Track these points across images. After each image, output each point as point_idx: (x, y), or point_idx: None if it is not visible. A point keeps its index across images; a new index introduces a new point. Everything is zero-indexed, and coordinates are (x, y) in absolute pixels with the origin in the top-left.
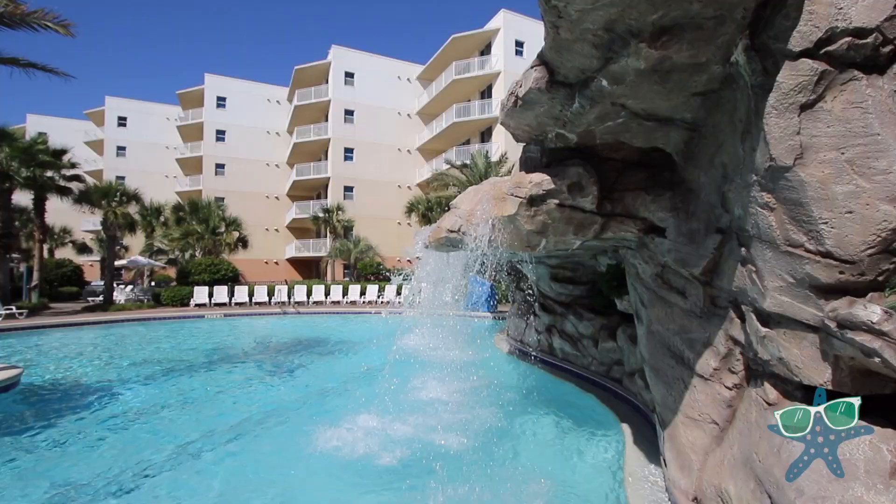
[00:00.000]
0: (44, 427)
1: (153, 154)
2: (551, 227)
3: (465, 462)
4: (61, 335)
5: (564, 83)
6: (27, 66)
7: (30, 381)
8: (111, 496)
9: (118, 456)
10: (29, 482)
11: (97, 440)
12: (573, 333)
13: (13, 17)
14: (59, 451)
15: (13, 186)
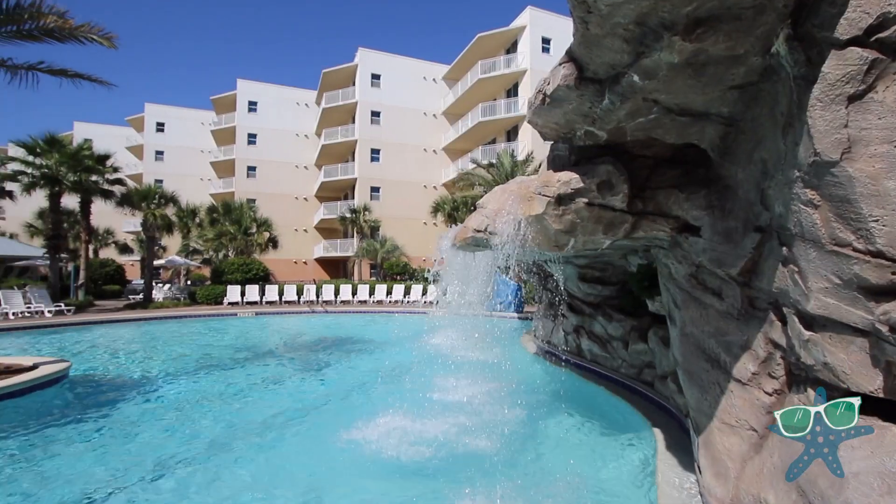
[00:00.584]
0: (89, 417)
1: (189, 158)
2: (580, 226)
3: (491, 463)
4: (105, 331)
5: (594, 79)
6: (74, 77)
7: (77, 373)
8: (150, 483)
9: (158, 445)
10: (75, 468)
11: (138, 430)
12: (602, 335)
13: (62, 31)
14: (103, 440)
15: (62, 190)
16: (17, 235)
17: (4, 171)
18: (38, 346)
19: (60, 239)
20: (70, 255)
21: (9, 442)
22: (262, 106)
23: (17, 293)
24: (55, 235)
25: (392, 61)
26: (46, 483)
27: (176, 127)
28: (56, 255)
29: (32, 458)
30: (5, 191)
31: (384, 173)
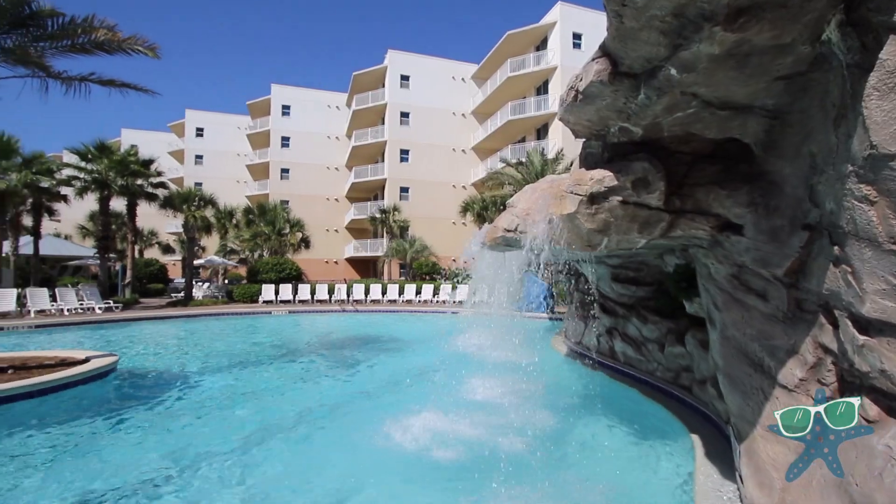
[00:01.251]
0: (136, 408)
1: (226, 161)
2: (614, 225)
3: (521, 465)
4: (149, 327)
5: (629, 74)
6: (122, 86)
7: (124, 367)
8: (193, 470)
9: (197, 437)
10: (124, 455)
11: (180, 422)
12: (636, 337)
13: (111, 44)
14: (149, 430)
15: (111, 194)
16: (71, 236)
17: (60, 177)
18: (89, 341)
19: (109, 240)
20: (118, 254)
21: (66, 429)
22: (294, 110)
23: (71, 290)
24: (105, 236)
25: (421, 62)
26: (99, 468)
27: (214, 132)
28: (105, 255)
29: (86, 444)
30: (60, 195)
31: (413, 174)
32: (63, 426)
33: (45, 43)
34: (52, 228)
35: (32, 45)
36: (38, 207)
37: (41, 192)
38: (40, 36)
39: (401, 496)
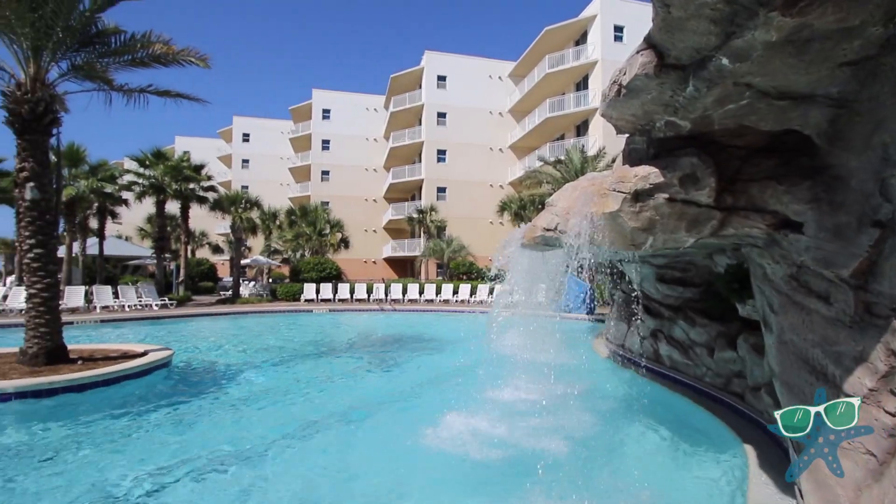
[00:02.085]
0: (189, 399)
1: (270, 164)
2: (659, 223)
3: (561, 469)
4: (201, 323)
5: (676, 66)
6: (176, 96)
7: (178, 360)
8: (243, 460)
9: (245, 428)
10: (180, 442)
11: (229, 414)
12: (683, 340)
13: (167, 57)
14: (201, 420)
15: (166, 197)
16: (131, 238)
17: (122, 182)
18: (146, 335)
19: (165, 240)
20: (172, 254)
21: (128, 416)
22: (334, 113)
23: (131, 288)
24: (161, 237)
25: (457, 62)
26: (164, 450)
27: (259, 136)
28: (161, 255)
29: (145, 431)
30: (122, 199)
31: (450, 174)
32: (126, 415)
33: (109, 59)
34: (115, 230)
35: (98, 62)
36: (103, 211)
37: (105, 196)
38: (105, 52)
39: (440, 495)
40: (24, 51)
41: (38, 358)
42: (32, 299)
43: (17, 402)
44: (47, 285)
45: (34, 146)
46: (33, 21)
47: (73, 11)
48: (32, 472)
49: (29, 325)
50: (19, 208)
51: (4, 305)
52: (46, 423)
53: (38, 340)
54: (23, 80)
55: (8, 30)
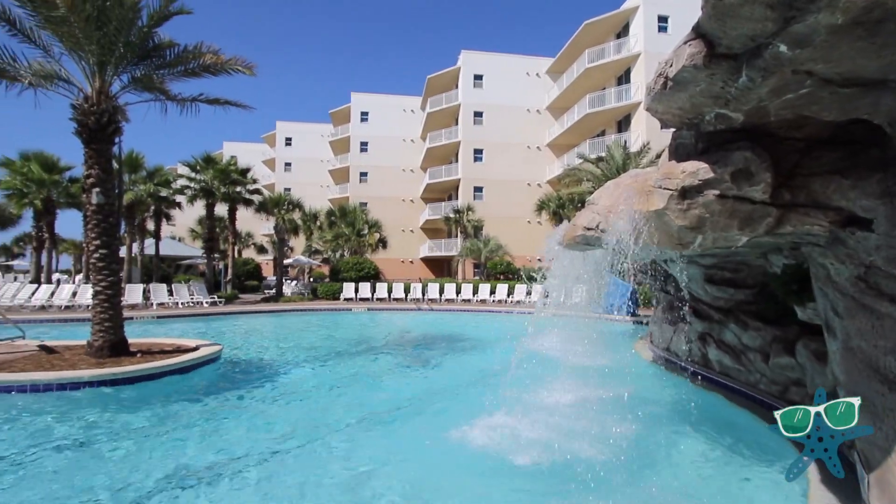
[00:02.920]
0: (237, 392)
1: (311, 167)
2: (709, 221)
3: (603, 478)
4: (247, 320)
5: (727, 55)
6: (225, 104)
7: (227, 355)
8: (291, 451)
9: (287, 422)
10: (229, 431)
11: (274, 407)
12: (734, 344)
13: (216, 66)
14: (248, 412)
15: (215, 200)
16: (183, 239)
17: (175, 187)
18: (197, 331)
19: (214, 241)
20: (221, 254)
21: (182, 407)
22: (372, 115)
23: (184, 286)
24: (210, 238)
25: (494, 60)
26: (220, 438)
27: (301, 140)
28: (211, 255)
29: (198, 422)
30: (175, 202)
31: (487, 173)
32: (181, 405)
33: (164, 70)
34: (169, 232)
35: (155, 73)
36: (159, 214)
37: (161, 200)
38: (161, 65)
39: (478, 496)
40: (90, 66)
41: (102, 350)
42: (98, 296)
43: (91, 389)
44: (111, 283)
45: (99, 154)
46: (99, 38)
47: (132, 28)
48: (109, 450)
49: (95, 320)
50: (86, 212)
51: (74, 301)
52: (118, 408)
53: (103, 334)
54: (89, 93)
55: (77, 47)
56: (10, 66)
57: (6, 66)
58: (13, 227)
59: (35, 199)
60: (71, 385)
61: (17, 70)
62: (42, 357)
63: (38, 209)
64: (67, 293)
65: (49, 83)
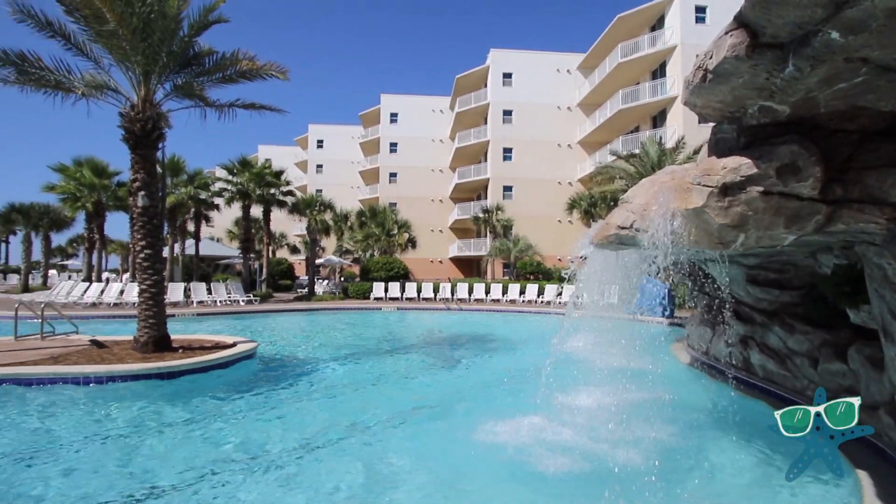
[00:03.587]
0: (272, 387)
1: (342, 169)
2: (752, 220)
3: (635, 481)
4: (281, 319)
5: (772, 45)
6: (260, 108)
7: (262, 352)
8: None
9: (318, 417)
10: (266, 424)
11: (306, 402)
12: (779, 349)
13: (252, 72)
14: (282, 406)
15: (251, 202)
16: (221, 239)
17: (214, 189)
18: (234, 328)
19: (250, 241)
20: (256, 254)
21: (220, 401)
22: (401, 116)
23: (222, 285)
24: (246, 239)
25: (523, 58)
26: (244, 435)
27: (332, 142)
28: (247, 255)
29: (234, 415)
30: (214, 204)
31: (516, 172)
32: (224, 398)
33: (203, 78)
34: (208, 233)
35: (195, 81)
36: (198, 215)
37: (200, 202)
38: (200, 72)
39: (506, 500)
40: (136, 76)
41: (147, 346)
42: (143, 294)
43: (137, 382)
44: (155, 282)
45: (144, 159)
46: (144, 49)
47: (174, 38)
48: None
49: (140, 317)
50: (132, 214)
51: (121, 299)
52: (162, 400)
53: (148, 330)
54: (135, 101)
55: (125, 58)
56: (66, 78)
57: (62, 78)
58: (67, 228)
59: (87, 203)
60: (119, 378)
61: (72, 82)
62: (93, 351)
63: (89, 212)
64: (116, 291)
65: (99, 93)
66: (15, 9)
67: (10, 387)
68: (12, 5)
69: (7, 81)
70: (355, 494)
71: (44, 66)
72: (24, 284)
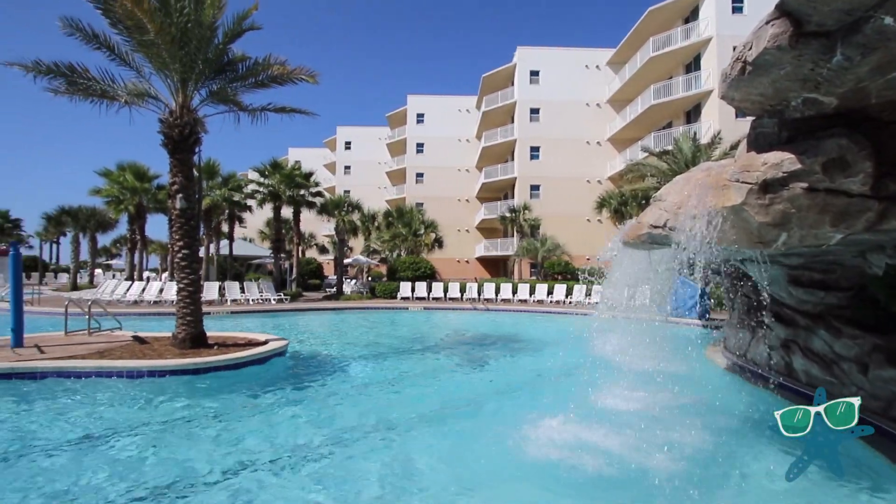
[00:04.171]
0: (302, 384)
1: (369, 169)
2: (796, 217)
3: (670, 488)
4: (310, 317)
5: (818, 34)
6: (291, 112)
7: (292, 349)
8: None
9: (346, 414)
10: (296, 418)
11: (333, 399)
12: (825, 353)
13: (283, 76)
14: (312, 403)
15: (281, 203)
16: (253, 240)
17: (246, 191)
18: (266, 326)
19: (281, 242)
20: (286, 254)
21: (253, 395)
22: (428, 117)
23: (254, 284)
24: (277, 239)
25: (551, 55)
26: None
27: (359, 144)
28: (278, 255)
29: (265, 410)
30: (247, 205)
31: (544, 171)
32: (260, 393)
33: (237, 83)
34: (241, 233)
35: (229, 87)
36: (232, 217)
37: (234, 204)
38: (234, 78)
39: (533, 501)
40: (174, 83)
41: (185, 342)
42: (181, 293)
43: (175, 377)
44: (192, 281)
45: (182, 163)
46: (181, 57)
47: (210, 46)
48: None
49: (178, 315)
50: (171, 216)
51: (161, 297)
52: (199, 394)
53: (185, 327)
54: (174, 108)
55: (164, 67)
56: (110, 87)
57: (107, 87)
58: (112, 230)
59: (129, 205)
60: (159, 372)
61: (116, 90)
62: (135, 346)
63: (131, 214)
64: (155, 290)
65: (141, 100)
66: (65, 23)
67: (61, 379)
68: (63, 20)
69: (58, 92)
70: (383, 493)
71: (91, 77)
72: (72, 283)
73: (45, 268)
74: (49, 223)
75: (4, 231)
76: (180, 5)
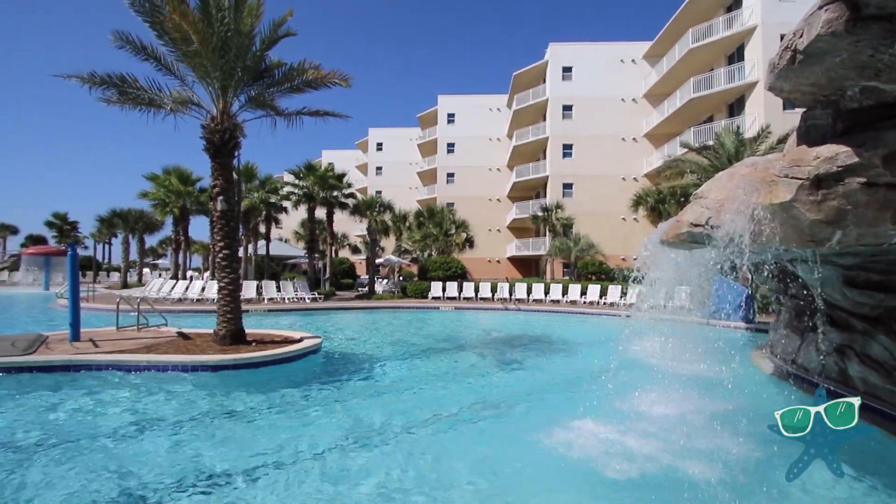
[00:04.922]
0: (335, 381)
1: (400, 170)
2: (852, 214)
3: (707, 494)
4: (343, 316)
5: (879, 17)
6: (325, 115)
7: (326, 347)
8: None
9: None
10: (330, 415)
11: (366, 397)
12: (884, 360)
13: (317, 81)
14: (345, 400)
15: (315, 204)
16: (288, 240)
17: (282, 193)
18: (301, 324)
19: (315, 242)
20: (320, 254)
21: (289, 391)
22: (458, 116)
23: (290, 284)
24: (311, 239)
25: (583, 50)
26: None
27: (391, 145)
28: (312, 255)
29: (301, 405)
30: (282, 207)
31: (577, 168)
32: (291, 387)
33: (274, 88)
34: (277, 234)
35: (266, 92)
36: (269, 218)
37: (270, 205)
38: (271, 84)
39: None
40: (215, 90)
41: (225, 339)
42: (221, 291)
43: (216, 372)
44: (232, 280)
45: (223, 167)
46: (222, 66)
47: (248, 53)
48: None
49: (219, 312)
50: (212, 217)
51: (203, 295)
52: (240, 389)
53: (226, 324)
54: (215, 114)
55: (206, 75)
56: (157, 96)
57: (154, 96)
58: (158, 231)
59: (174, 208)
60: (202, 367)
61: (162, 99)
62: (179, 342)
63: (176, 216)
64: (198, 288)
65: (185, 108)
66: (116, 37)
67: (113, 371)
68: (114, 34)
69: (110, 102)
70: (410, 490)
71: (140, 86)
72: (123, 281)
73: (98, 267)
74: (102, 225)
75: (63, 232)
76: (221, 15)
